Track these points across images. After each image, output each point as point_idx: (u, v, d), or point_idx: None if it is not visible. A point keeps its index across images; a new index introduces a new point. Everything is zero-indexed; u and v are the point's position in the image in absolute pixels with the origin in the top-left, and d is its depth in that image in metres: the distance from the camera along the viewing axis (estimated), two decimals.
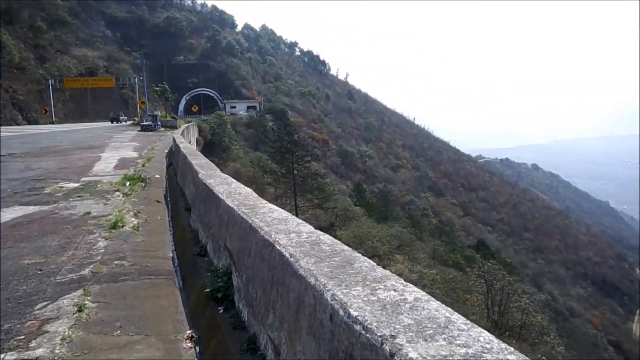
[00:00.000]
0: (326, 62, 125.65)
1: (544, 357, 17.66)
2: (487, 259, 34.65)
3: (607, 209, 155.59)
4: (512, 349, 1.54)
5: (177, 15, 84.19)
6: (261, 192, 32.88)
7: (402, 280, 2.16)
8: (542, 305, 41.55)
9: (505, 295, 25.01)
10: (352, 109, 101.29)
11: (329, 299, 1.97)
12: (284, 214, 3.79)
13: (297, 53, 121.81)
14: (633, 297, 69.48)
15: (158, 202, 10.13)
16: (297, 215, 32.21)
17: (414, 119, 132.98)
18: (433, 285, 24.43)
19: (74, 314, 4.18)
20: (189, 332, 4.20)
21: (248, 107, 71.69)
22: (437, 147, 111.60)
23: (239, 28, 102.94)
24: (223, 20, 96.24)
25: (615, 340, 48.15)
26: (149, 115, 39.40)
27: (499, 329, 23.38)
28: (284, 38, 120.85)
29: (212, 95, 73.59)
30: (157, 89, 52.21)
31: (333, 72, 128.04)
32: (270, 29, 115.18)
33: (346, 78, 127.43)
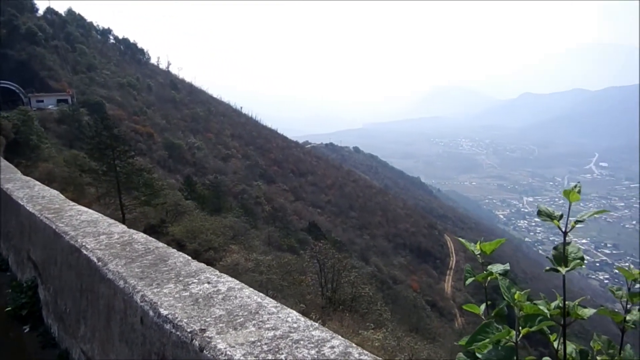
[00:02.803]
0: (145, 50, 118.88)
1: (372, 325, 19.13)
2: (318, 239, 36.37)
3: (418, 184, 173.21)
4: (317, 324, 1.62)
5: None
6: (80, 193, 30.20)
7: (217, 272, 2.15)
8: (370, 277, 45.03)
9: (336, 272, 26.52)
10: (177, 100, 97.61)
11: (138, 300, 1.88)
12: (94, 215, 3.52)
13: (112, 41, 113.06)
14: (443, 260, 78.88)
15: None
16: (123, 214, 30.26)
17: (241, 107, 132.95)
18: (270, 271, 24.87)
19: None
20: None
21: (58, 101, 64.67)
22: (265, 134, 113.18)
23: (40, 12, 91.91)
24: (20, 3, 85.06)
25: (431, 300, 54.29)
26: None
27: (333, 304, 24.79)
28: (95, 24, 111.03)
29: (13, 88, 64.84)
30: None
31: (153, 61, 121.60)
32: (78, 14, 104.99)
33: (168, 67, 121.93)
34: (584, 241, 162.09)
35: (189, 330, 1.57)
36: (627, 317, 1.23)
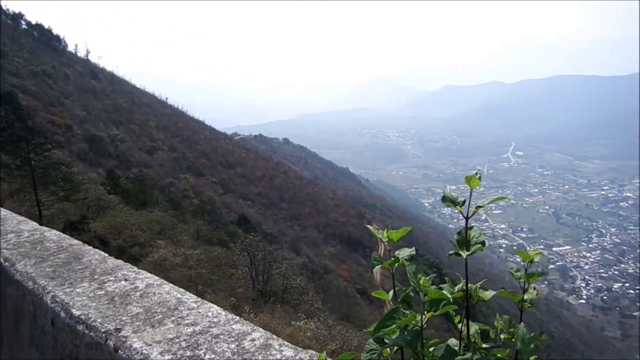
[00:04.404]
0: (61, 37, 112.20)
1: (303, 315, 19.33)
2: (249, 232, 36.11)
3: (348, 174, 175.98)
4: (237, 318, 1.61)
5: None
6: None
7: (135, 268, 2.08)
8: (301, 267, 45.42)
9: (267, 264, 26.50)
10: (98, 90, 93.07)
11: (49, 302, 1.78)
12: (2, 212, 3.30)
13: (24, 26, 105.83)
14: (372, 249, 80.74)
15: None
16: (40, 211, 28.62)
17: (167, 98, 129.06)
18: (199, 265, 24.43)
19: None
20: None
21: None
22: (192, 126, 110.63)
23: None
24: None
25: (361, 288, 55.48)
26: None
27: (264, 296, 24.80)
28: (4, 8, 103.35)
29: None
30: None
31: (71, 48, 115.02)
32: None
33: (87, 55, 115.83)
34: (502, 226, 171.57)
35: (103, 330, 1.51)
36: (525, 297, 1.32)
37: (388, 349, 1.22)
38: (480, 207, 1.30)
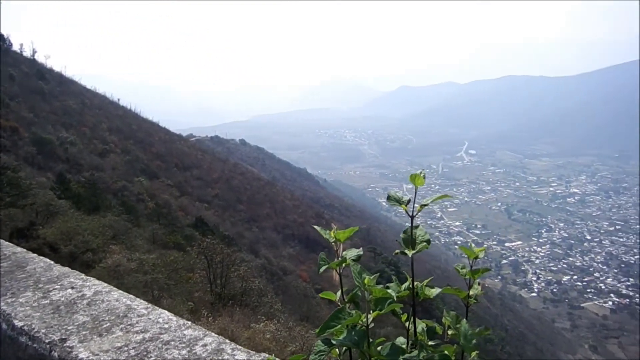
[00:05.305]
0: (6, 36, 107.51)
1: (263, 317, 19.22)
2: (206, 235, 35.57)
3: (305, 175, 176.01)
4: (189, 323, 1.58)
5: None
6: None
7: (83, 276, 2.01)
8: (260, 269, 45.03)
9: (225, 267, 26.18)
10: (46, 91, 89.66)
11: None
12: None
13: None
14: (331, 249, 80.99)
15: None
16: None
17: (119, 99, 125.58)
18: (154, 270, 23.93)
19: None
20: None
21: None
22: (146, 128, 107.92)
23: None
24: None
25: (321, 288, 55.55)
26: None
27: (223, 300, 24.50)
28: None
29: None
30: None
31: (16, 48, 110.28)
32: None
33: (34, 55, 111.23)
34: (457, 223, 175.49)
35: (47, 341, 1.46)
36: (471, 292, 1.35)
37: (337, 350, 1.22)
38: (425, 205, 1.33)
